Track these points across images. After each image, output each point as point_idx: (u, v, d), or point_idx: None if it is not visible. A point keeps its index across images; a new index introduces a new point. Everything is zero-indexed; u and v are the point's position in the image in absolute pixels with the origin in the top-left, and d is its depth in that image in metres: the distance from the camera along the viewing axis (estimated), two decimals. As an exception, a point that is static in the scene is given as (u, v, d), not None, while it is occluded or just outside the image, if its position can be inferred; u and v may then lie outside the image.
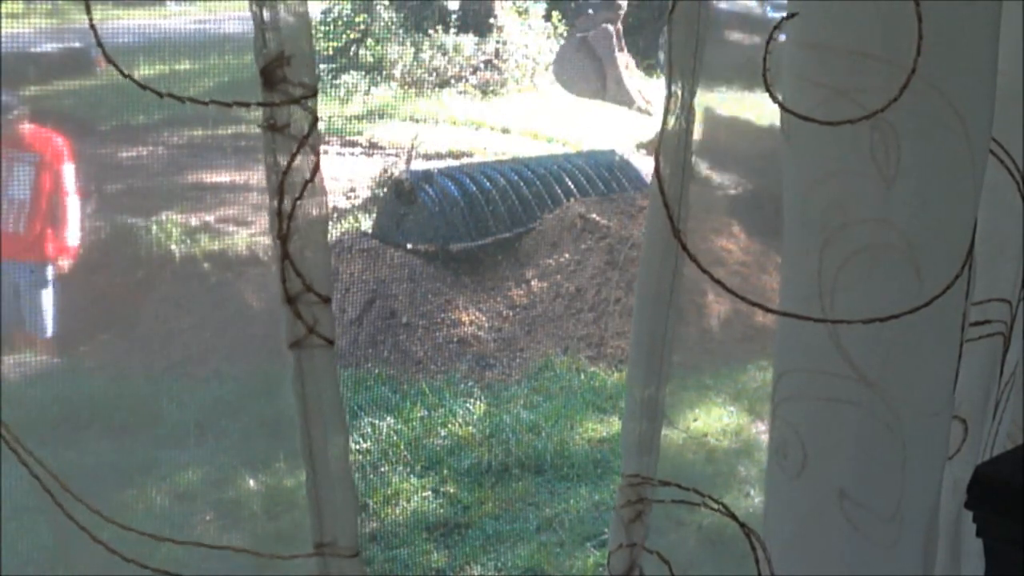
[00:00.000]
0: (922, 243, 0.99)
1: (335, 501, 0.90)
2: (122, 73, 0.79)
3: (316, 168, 0.85)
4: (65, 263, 3.83)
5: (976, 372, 1.18)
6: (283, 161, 0.84)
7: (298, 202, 0.84)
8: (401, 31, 8.38)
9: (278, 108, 0.82)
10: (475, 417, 4.87)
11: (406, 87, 8.11)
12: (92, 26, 0.77)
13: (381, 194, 6.30)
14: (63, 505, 0.86)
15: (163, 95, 0.80)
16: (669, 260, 1.00)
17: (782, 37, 0.99)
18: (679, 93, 0.97)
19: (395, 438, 4.68)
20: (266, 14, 0.81)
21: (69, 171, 3.77)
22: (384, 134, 7.37)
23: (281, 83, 0.82)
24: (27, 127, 3.65)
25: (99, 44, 0.78)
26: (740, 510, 1.11)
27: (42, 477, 0.85)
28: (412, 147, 6.94)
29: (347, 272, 5.54)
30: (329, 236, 0.88)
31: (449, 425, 4.79)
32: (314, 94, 0.83)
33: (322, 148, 0.86)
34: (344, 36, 8.11)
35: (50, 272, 3.77)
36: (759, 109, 1.05)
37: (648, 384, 1.03)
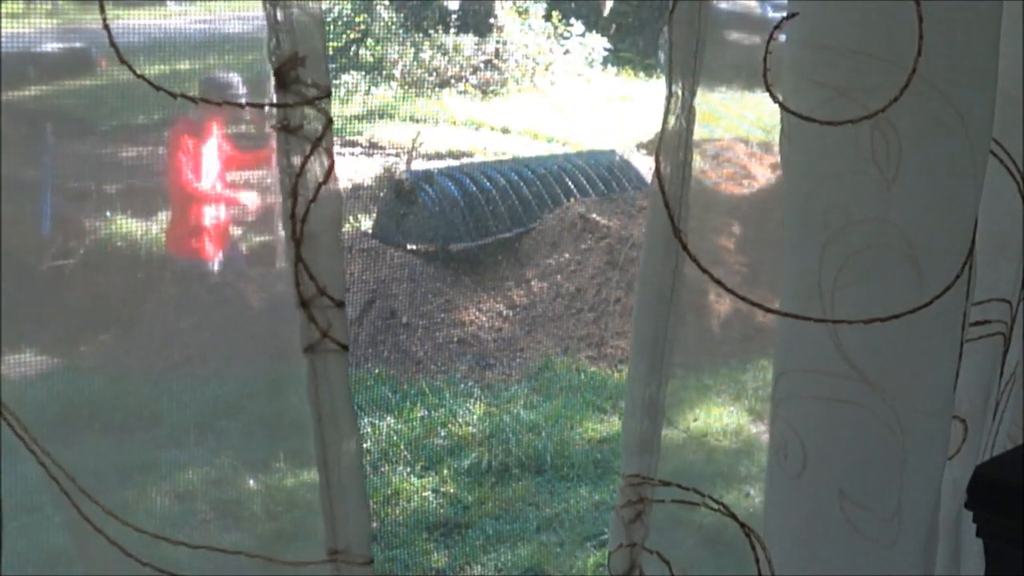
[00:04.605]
0: (922, 243, 0.99)
1: (348, 508, 0.89)
2: (135, 73, 0.78)
3: (330, 170, 0.83)
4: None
5: (976, 372, 1.18)
6: (296, 163, 0.82)
7: (312, 205, 0.83)
8: (401, 31, 8.36)
9: (291, 109, 0.81)
10: (475, 417, 4.86)
11: (406, 87, 8.09)
12: (106, 26, 0.76)
13: (381, 194, 6.29)
14: (79, 506, 0.85)
15: (176, 96, 0.79)
16: (670, 260, 1.00)
17: (782, 37, 0.99)
18: (679, 93, 0.97)
19: (395, 438, 4.68)
20: (279, 14, 0.80)
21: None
22: (384, 134, 7.35)
23: (295, 84, 0.80)
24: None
25: (112, 44, 0.77)
26: (740, 510, 1.11)
27: (59, 478, 0.84)
28: (412, 147, 6.94)
29: (347, 272, 5.53)
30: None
31: (449, 425, 4.78)
32: (328, 95, 0.82)
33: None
34: (344, 36, 8.09)
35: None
36: (759, 109, 1.05)
37: (649, 384, 1.03)
